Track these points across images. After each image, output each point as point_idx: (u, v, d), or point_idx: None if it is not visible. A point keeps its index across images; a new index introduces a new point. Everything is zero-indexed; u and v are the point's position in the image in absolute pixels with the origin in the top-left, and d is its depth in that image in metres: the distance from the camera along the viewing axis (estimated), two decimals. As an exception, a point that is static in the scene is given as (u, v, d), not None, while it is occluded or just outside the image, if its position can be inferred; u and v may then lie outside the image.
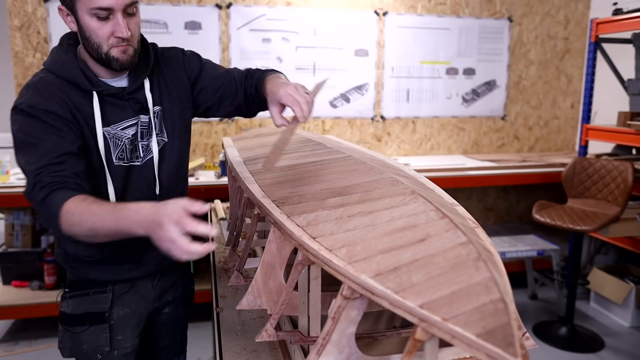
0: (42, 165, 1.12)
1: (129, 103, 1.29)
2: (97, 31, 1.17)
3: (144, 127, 1.32)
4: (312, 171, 1.21)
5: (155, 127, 1.33)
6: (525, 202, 4.23)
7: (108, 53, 1.20)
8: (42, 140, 1.15)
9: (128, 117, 1.29)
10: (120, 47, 1.20)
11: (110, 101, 1.26)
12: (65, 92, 1.20)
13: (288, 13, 3.55)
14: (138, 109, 1.30)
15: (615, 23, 3.09)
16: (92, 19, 1.16)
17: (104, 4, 1.14)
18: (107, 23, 1.17)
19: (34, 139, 1.15)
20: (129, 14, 1.20)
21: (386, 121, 3.87)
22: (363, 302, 0.73)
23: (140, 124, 1.31)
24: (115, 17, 1.16)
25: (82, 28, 1.18)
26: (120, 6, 1.16)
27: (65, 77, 1.22)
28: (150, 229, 0.93)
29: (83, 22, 1.17)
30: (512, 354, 0.51)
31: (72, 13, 1.19)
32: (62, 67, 1.23)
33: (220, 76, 1.44)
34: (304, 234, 0.85)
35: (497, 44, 3.99)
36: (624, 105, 3.46)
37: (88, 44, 1.20)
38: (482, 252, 0.68)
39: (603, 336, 3.06)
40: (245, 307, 0.99)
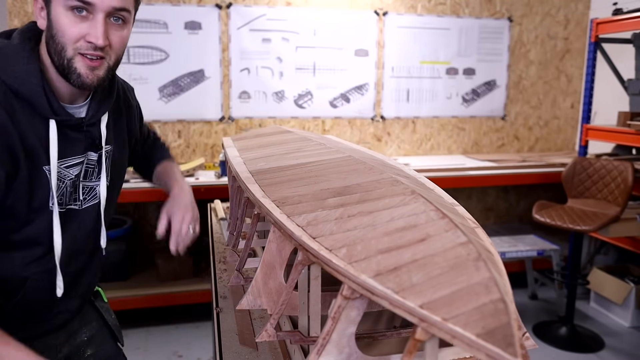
0: None
1: (83, 137, 1.07)
2: (65, 28, 0.93)
3: (89, 166, 1.10)
4: (312, 171, 1.21)
5: (106, 168, 1.13)
6: (525, 202, 4.23)
7: (71, 61, 0.95)
8: None
9: (77, 154, 1.06)
10: (90, 59, 0.96)
11: (63, 132, 1.01)
12: (9, 114, 0.92)
13: (288, 13, 3.55)
14: (89, 144, 1.08)
15: (615, 23, 3.09)
16: (66, 13, 0.93)
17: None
18: (82, 22, 0.93)
19: None
20: (115, 22, 0.98)
21: (386, 121, 3.87)
22: (363, 302, 0.73)
23: (86, 162, 1.09)
24: (95, 17, 0.94)
25: (51, 23, 0.94)
26: (105, 6, 0.93)
27: (20, 94, 0.94)
28: None
29: (54, 15, 0.93)
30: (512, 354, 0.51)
31: (46, 5, 0.95)
32: (20, 80, 0.94)
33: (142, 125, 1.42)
34: (304, 234, 0.85)
35: (497, 44, 3.99)
36: (624, 105, 3.46)
37: (52, 44, 0.95)
38: (482, 252, 0.68)
39: (603, 336, 3.06)
40: (245, 307, 0.99)
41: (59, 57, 0.95)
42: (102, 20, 0.94)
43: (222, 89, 3.51)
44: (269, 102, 3.62)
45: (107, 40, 0.96)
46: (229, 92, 3.54)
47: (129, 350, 2.80)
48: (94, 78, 0.98)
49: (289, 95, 3.65)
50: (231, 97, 3.55)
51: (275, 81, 3.61)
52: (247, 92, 3.58)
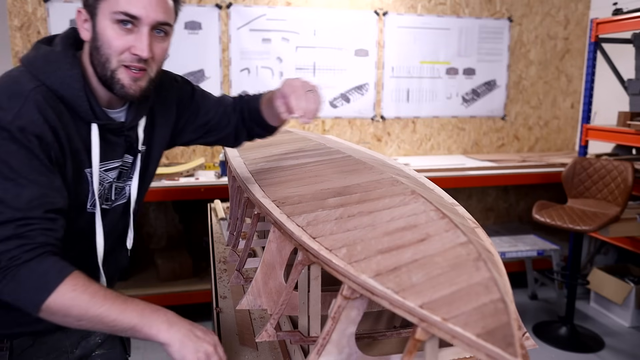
0: (29, 217, 0.88)
1: (123, 141, 1.10)
2: (111, 40, 0.95)
3: (124, 168, 1.13)
4: (312, 171, 1.21)
5: (135, 169, 1.15)
6: (525, 202, 4.23)
7: (114, 72, 0.97)
8: (28, 179, 0.89)
9: (116, 157, 1.09)
10: (133, 71, 0.98)
11: (104, 137, 1.04)
12: (58, 116, 0.95)
13: (288, 13, 3.55)
14: (127, 148, 1.11)
15: (615, 23, 3.09)
16: (111, 26, 0.95)
17: (132, 10, 0.94)
18: (127, 35, 0.96)
19: (15, 174, 0.88)
20: (158, 34, 1.00)
21: (386, 121, 3.87)
22: (363, 302, 0.73)
23: (122, 164, 1.12)
24: (141, 30, 0.96)
25: (96, 35, 0.97)
26: (150, 20, 0.96)
27: (64, 99, 0.97)
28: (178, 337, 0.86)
29: (99, 27, 0.96)
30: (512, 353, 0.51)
31: (91, 17, 0.98)
32: (65, 85, 0.97)
33: (209, 110, 1.29)
34: (304, 234, 0.85)
35: (497, 44, 3.99)
36: (624, 105, 3.46)
37: (96, 54, 0.98)
38: (482, 252, 0.68)
39: (603, 336, 3.06)
40: (245, 307, 0.99)
41: (102, 68, 0.98)
42: (147, 33, 0.97)
43: (222, 89, 3.51)
44: (269, 102, 3.62)
45: (152, 53, 0.98)
46: (229, 92, 3.53)
47: (129, 350, 2.80)
48: (137, 89, 1.00)
49: (289, 95, 3.65)
50: (231, 97, 3.55)
51: (275, 81, 3.61)
52: (247, 92, 3.58)
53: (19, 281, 0.85)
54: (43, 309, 0.85)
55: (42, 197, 0.90)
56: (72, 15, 3.20)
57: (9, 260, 0.85)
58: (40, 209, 0.89)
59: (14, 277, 0.85)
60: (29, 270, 0.85)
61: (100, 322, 0.86)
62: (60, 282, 0.85)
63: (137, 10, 0.94)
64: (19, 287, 0.85)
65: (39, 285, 0.85)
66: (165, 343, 0.87)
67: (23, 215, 0.87)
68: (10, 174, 0.88)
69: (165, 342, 0.87)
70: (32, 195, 0.89)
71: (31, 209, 0.88)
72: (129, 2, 0.94)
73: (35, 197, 0.89)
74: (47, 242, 0.89)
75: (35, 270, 0.85)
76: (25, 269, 0.85)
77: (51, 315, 0.86)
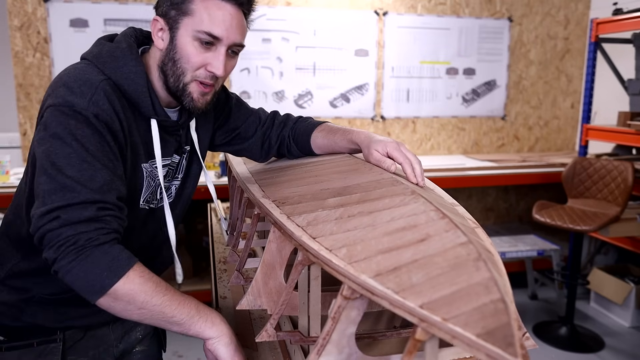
0: (105, 200, 0.90)
1: (174, 140, 1.14)
2: (191, 56, 1.01)
3: (171, 167, 1.17)
4: (312, 171, 1.21)
5: (182, 169, 1.20)
6: (525, 202, 4.23)
7: (187, 85, 1.03)
8: (102, 163, 0.92)
9: (168, 155, 1.13)
10: (204, 86, 1.04)
11: (159, 134, 1.09)
12: (122, 110, 1.00)
13: (288, 13, 3.55)
14: (176, 147, 1.16)
15: (615, 23, 3.09)
16: (192, 42, 1.00)
17: (215, 31, 1.00)
18: (205, 52, 1.02)
19: (91, 158, 0.91)
20: (231, 54, 1.06)
21: (386, 121, 3.87)
22: (363, 302, 0.73)
23: (170, 163, 1.16)
24: (218, 50, 1.02)
25: (175, 48, 1.02)
26: (230, 41, 1.02)
27: (127, 93, 1.02)
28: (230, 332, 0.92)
29: (179, 42, 1.01)
30: (512, 354, 0.50)
31: (170, 29, 1.03)
32: (130, 80, 1.02)
33: (240, 116, 1.31)
34: (304, 234, 0.85)
35: (497, 44, 3.99)
36: (624, 105, 3.46)
37: (171, 65, 1.03)
38: (482, 252, 0.68)
39: (603, 336, 3.06)
40: (245, 307, 0.99)
41: (175, 79, 1.03)
42: (224, 53, 1.03)
43: (222, 89, 3.51)
44: (269, 102, 3.62)
45: (226, 72, 1.04)
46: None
47: (129, 350, 2.80)
48: (204, 102, 1.07)
49: (289, 95, 3.65)
50: (231, 97, 3.55)
51: (275, 81, 3.61)
52: (247, 92, 3.58)
53: (92, 262, 0.86)
54: (110, 292, 0.86)
55: (112, 182, 0.93)
56: (72, 15, 3.20)
57: (86, 241, 0.86)
58: (113, 194, 0.92)
59: (87, 258, 0.86)
60: (102, 252, 0.86)
61: (160, 312, 0.88)
62: (130, 268, 0.87)
63: (220, 31, 1.00)
64: (91, 268, 0.85)
65: (111, 268, 0.86)
66: (217, 336, 0.92)
67: (101, 198, 0.89)
68: (87, 156, 0.90)
69: (216, 335, 0.92)
70: (104, 180, 0.91)
71: (105, 192, 0.90)
72: (213, 22, 1.00)
73: (107, 182, 0.91)
74: (118, 230, 0.92)
75: (108, 253, 0.87)
76: (100, 251, 0.86)
77: (114, 301, 0.87)
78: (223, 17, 1.01)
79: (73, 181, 0.88)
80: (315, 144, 1.29)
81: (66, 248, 0.86)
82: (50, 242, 0.87)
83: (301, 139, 1.31)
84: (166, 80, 1.05)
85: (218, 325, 0.93)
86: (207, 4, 1.00)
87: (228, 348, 0.92)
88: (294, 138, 1.32)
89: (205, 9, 1.00)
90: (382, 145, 1.08)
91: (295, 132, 1.32)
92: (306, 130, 1.30)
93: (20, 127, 3.27)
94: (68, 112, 0.92)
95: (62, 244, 0.86)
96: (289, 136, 1.32)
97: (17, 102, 3.23)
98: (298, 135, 1.31)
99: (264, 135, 1.32)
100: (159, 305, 0.88)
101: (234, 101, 1.32)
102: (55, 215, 0.87)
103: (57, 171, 0.89)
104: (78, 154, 0.90)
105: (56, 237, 0.86)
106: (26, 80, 3.21)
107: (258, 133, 1.32)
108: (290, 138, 1.32)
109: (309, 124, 1.32)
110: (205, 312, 0.93)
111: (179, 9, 1.02)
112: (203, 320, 0.92)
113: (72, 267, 0.86)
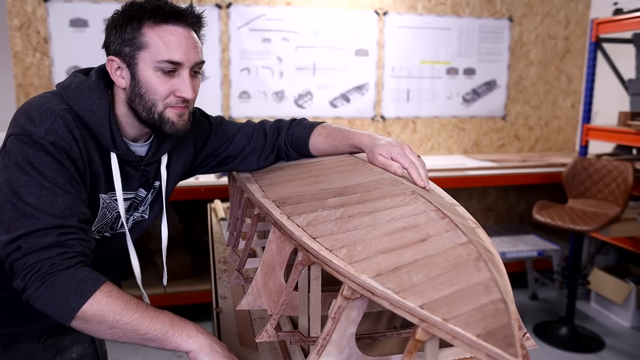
0: (67, 225, 0.91)
1: (140, 175, 1.14)
2: (157, 87, 1.02)
3: (136, 200, 1.17)
4: (312, 171, 1.20)
5: (145, 202, 1.19)
6: (525, 202, 4.23)
7: (163, 113, 1.04)
8: (62, 188, 0.93)
9: (131, 189, 1.13)
10: (178, 108, 1.05)
11: (121, 168, 1.09)
12: (83, 139, 1.01)
13: (288, 13, 3.55)
14: (143, 182, 1.16)
15: (616, 23, 3.09)
16: (155, 74, 1.02)
17: (175, 57, 1.01)
18: (169, 80, 1.03)
19: (50, 184, 0.92)
20: (195, 74, 1.08)
21: (386, 121, 3.87)
22: (363, 302, 0.73)
23: (135, 197, 1.16)
24: (182, 74, 1.03)
25: (139, 83, 1.03)
26: (190, 63, 1.04)
27: (88, 125, 1.03)
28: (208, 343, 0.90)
29: (142, 76, 1.02)
30: (513, 354, 0.50)
31: (128, 66, 1.03)
32: (91, 112, 1.02)
33: (228, 139, 1.30)
34: (304, 234, 0.85)
35: (498, 44, 3.99)
36: (624, 105, 3.46)
37: (140, 101, 1.04)
38: (482, 253, 0.67)
39: (603, 336, 3.06)
40: (245, 307, 0.99)
41: (148, 112, 1.04)
42: (188, 76, 1.04)
43: (222, 89, 3.51)
44: (269, 102, 3.62)
45: (194, 93, 1.06)
46: (229, 92, 3.54)
47: (129, 350, 2.80)
48: (183, 122, 1.08)
49: (289, 95, 3.65)
50: (231, 97, 3.55)
51: (275, 81, 3.61)
52: (247, 92, 3.58)
53: (58, 287, 0.87)
54: (79, 315, 0.86)
55: (75, 206, 0.94)
56: (72, 15, 3.20)
57: (50, 267, 0.87)
58: (74, 218, 0.93)
59: (53, 283, 0.87)
60: (67, 276, 0.87)
61: (132, 329, 0.88)
62: (97, 289, 0.88)
63: (179, 56, 1.02)
64: (57, 293, 0.86)
65: (77, 291, 0.86)
66: (195, 349, 0.90)
67: (62, 222, 0.90)
68: (46, 183, 0.92)
69: (195, 348, 0.90)
70: (65, 204, 0.92)
71: (66, 217, 0.92)
72: (170, 49, 1.01)
73: (68, 206, 0.92)
74: (84, 252, 0.92)
75: (74, 277, 0.87)
76: (65, 275, 0.87)
77: (85, 323, 0.88)
78: (178, 41, 1.02)
79: (33, 208, 0.89)
80: (315, 149, 1.28)
81: (31, 276, 0.87)
82: (17, 271, 0.89)
83: (299, 145, 1.29)
84: (138, 115, 1.06)
85: (195, 338, 0.91)
86: (158, 33, 1.01)
87: (209, 358, 0.90)
88: (291, 144, 1.30)
89: (159, 37, 1.01)
90: (387, 150, 1.08)
91: (291, 137, 1.30)
92: (303, 135, 1.28)
93: (20, 127, 3.27)
94: (27, 140, 0.93)
95: (27, 272, 0.87)
96: (285, 143, 1.30)
97: (17, 102, 3.23)
98: (295, 142, 1.29)
99: (256, 149, 1.31)
100: (130, 323, 0.87)
101: (215, 125, 1.31)
102: (17, 245, 0.88)
103: (18, 199, 0.90)
104: (37, 182, 0.91)
105: (22, 265, 0.88)
106: (26, 80, 3.21)
107: (246, 150, 1.31)
108: (287, 145, 1.30)
109: (304, 127, 1.29)
110: (181, 326, 0.91)
111: (132, 44, 1.02)
112: (178, 334, 0.90)
113: (39, 294, 0.87)
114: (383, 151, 1.08)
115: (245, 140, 1.31)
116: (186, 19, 1.05)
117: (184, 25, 1.04)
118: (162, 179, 1.18)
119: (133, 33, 1.02)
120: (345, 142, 1.21)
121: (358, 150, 1.20)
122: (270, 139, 1.31)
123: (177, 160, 1.23)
